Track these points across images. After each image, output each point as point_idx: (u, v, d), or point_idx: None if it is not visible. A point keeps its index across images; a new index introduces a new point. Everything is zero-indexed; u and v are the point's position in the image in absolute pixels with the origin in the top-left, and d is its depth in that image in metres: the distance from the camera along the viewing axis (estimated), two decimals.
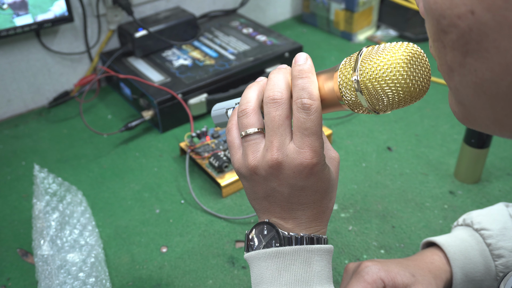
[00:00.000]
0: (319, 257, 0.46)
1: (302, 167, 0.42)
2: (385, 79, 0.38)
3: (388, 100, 0.40)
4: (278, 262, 0.45)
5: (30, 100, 1.03)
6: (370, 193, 0.78)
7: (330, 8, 1.25)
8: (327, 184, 0.45)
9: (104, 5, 1.02)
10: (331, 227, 0.72)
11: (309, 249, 0.45)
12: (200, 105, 0.95)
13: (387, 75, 0.38)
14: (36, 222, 0.69)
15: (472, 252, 0.59)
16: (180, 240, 0.72)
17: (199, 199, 0.78)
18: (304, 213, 0.46)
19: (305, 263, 0.45)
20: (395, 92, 0.39)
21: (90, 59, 1.07)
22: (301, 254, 0.45)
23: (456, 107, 0.37)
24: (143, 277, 0.66)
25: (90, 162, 0.88)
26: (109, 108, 1.03)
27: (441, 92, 1.02)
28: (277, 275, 0.45)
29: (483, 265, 0.58)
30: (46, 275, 0.63)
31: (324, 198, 0.46)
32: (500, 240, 0.58)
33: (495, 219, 0.60)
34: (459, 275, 0.58)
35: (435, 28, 0.33)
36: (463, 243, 0.60)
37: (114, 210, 0.77)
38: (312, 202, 0.46)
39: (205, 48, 1.06)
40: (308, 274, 0.45)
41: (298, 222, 0.46)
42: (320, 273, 0.46)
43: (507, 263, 0.57)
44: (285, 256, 0.45)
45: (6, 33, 0.90)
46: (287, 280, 0.45)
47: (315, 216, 0.46)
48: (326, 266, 0.46)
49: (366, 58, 0.40)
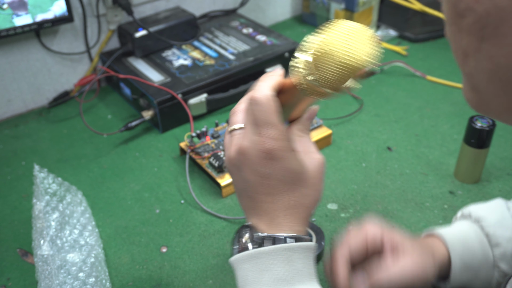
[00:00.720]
0: (300, 255, 0.46)
1: (262, 153, 0.45)
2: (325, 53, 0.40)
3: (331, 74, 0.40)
4: (259, 263, 0.46)
5: (30, 100, 1.03)
6: (370, 193, 0.78)
7: (330, 8, 1.25)
8: (293, 175, 0.46)
9: (104, 5, 1.02)
10: (331, 227, 0.72)
11: (289, 247, 0.46)
12: (200, 105, 0.95)
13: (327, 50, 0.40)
14: (36, 222, 0.69)
15: (471, 241, 0.59)
16: (180, 240, 0.72)
17: (199, 199, 0.78)
18: (275, 206, 0.47)
19: (286, 261, 0.46)
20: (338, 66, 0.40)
21: (90, 59, 1.07)
22: (282, 253, 0.46)
23: (470, 94, 0.36)
24: (143, 277, 0.66)
25: (90, 162, 0.88)
26: (109, 108, 1.03)
27: (441, 92, 1.02)
28: (259, 276, 0.46)
29: (481, 253, 0.58)
30: (46, 275, 0.63)
31: (292, 191, 0.47)
32: (498, 230, 0.58)
33: (493, 210, 0.61)
34: (457, 263, 0.58)
35: (451, 11, 0.33)
36: (461, 232, 0.60)
37: (114, 210, 0.77)
38: (278, 194, 0.47)
39: (205, 48, 1.06)
40: (289, 272, 0.45)
41: (274, 223, 0.47)
42: (302, 270, 0.46)
43: (504, 252, 0.58)
44: (266, 256, 0.46)
45: (6, 33, 0.90)
46: (269, 280, 0.45)
47: (288, 212, 0.47)
48: (308, 264, 0.47)
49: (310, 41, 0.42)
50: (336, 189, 0.79)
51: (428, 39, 1.23)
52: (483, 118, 0.75)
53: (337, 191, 0.79)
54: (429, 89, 1.04)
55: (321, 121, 0.89)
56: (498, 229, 0.59)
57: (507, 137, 0.88)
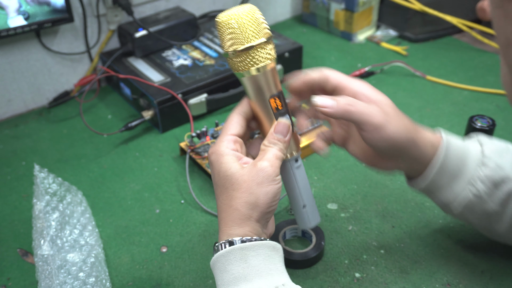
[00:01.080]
0: (254, 252, 0.49)
1: None
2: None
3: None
4: (219, 267, 0.50)
5: (30, 100, 1.03)
6: (370, 193, 0.78)
7: (330, 8, 1.25)
8: (223, 179, 0.52)
9: (104, 5, 1.02)
10: (331, 227, 0.72)
11: (242, 247, 0.50)
12: (200, 105, 0.95)
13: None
14: (36, 222, 0.69)
15: (466, 151, 0.58)
16: (180, 240, 0.72)
17: (199, 199, 0.78)
18: (219, 208, 0.53)
19: (241, 260, 0.49)
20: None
21: (90, 59, 1.07)
22: (235, 253, 0.49)
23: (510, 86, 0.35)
24: (143, 277, 0.66)
25: (90, 162, 0.88)
26: (109, 108, 1.03)
27: (441, 92, 1.02)
28: (220, 279, 0.50)
29: (468, 167, 0.57)
30: (46, 275, 0.63)
31: (223, 193, 0.52)
32: (494, 155, 0.58)
33: (498, 142, 0.60)
34: (441, 160, 0.57)
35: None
36: (462, 142, 0.59)
37: (114, 210, 0.78)
38: (217, 196, 0.53)
39: (205, 48, 1.06)
40: (245, 270, 0.49)
41: (224, 230, 0.52)
42: (258, 267, 0.49)
43: (488, 174, 0.56)
44: (222, 258, 0.50)
45: (6, 33, 0.90)
46: (227, 280, 0.49)
47: (227, 215, 0.52)
48: (266, 260, 0.50)
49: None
50: (336, 189, 0.79)
51: (428, 39, 1.23)
52: (483, 118, 0.75)
53: (337, 191, 0.79)
54: (429, 89, 1.04)
55: (321, 121, 0.89)
56: (494, 155, 0.57)
57: (507, 137, 0.88)
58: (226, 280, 0.49)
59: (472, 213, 0.59)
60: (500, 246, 0.66)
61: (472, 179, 0.57)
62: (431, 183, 0.58)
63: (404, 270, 0.65)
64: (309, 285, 0.64)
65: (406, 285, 0.63)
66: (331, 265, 0.67)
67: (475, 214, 0.59)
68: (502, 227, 0.59)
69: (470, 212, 0.59)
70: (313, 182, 0.81)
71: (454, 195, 0.58)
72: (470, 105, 0.98)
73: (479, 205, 0.58)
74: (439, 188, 0.59)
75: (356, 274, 0.65)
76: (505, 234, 0.60)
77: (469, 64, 1.12)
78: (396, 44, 1.21)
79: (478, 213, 0.58)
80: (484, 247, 0.67)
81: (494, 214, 0.58)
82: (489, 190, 0.57)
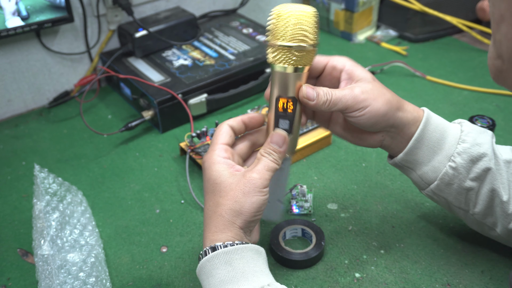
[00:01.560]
0: (239, 256, 0.51)
1: None
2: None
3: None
4: (205, 272, 0.52)
5: (30, 100, 1.03)
6: (370, 193, 0.78)
7: (330, 8, 1.25)
8: (212, 186, 0.54)
9: (104, 5, 1.02)
10: (331, 227, 0.72)
11: (226, 251, 0.51)
12: (200, 105, 0.95)
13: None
14: (36, 222, 0.69)
15: (446, 128, 0.59)
16: (180, 240, 0.72)
17: (199, 199, 0.78)
18: (205, 215, 0.55)
19: (226, 264, 0.50)
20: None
21: (90, 59, 1.07)
22: (220, 257, 0.51)
23: (494, 61, 0.36)
24: (143, 277, 0.66)
25: (90, 162, 0.88)
26: (109, 108, 1.03)
27: (441, 92, 1.03)
28: (207, 284, 0.51)
29: (446, 142, 0.58)
30: (46, 275, 0.63)
31: (210, 200, 0.54)
32: (472, 132, 0.59)
33: (478, 126, 0.61)
34: (421, 135, 0.58)
35: None
36: (443, 121, 0.61)
37: (114, 210, 0.78)
38: (205, 201, 0.55)
39: (205, 48, 1.06)
40: (230, 273, 0.50)
41: (207, 230, 0.54)
42: (243, 269, 0.50)
43: (466, 149, 0.57)
44: (207, 264, 0.51)
45: (6, 33, 0.90)
46: (214, 284, 0.50)
47: (211, 221, 0.53)
48: (250, 262, 0.51)
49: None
50: (336, 189, 0.79)
51: (428, 39, 1.23)
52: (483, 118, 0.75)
53: (337, 191, 0.79)
54: (429, 89, 1.04)
55: None
56: (473, 133, 0.59)
57: (507, 137, 0.88)
58: (212, 285, 0.50)
59: (448, 188, 0.59)
60: (500, 246, 0.66)
61: (451, 154, 0.58)
62: (410, 154, 0.59)
63: (404, 270, 0.65)
64: (309, 285, 0.64)
65: (406, 285, 0.63)
66: (331, 265, 0.67)
67: (451, 190, 0.59)
68: (478, 208, 0.59)
69: (446, 187, 0.59)
70: (313, 182, 0.81)
71: (432, 168, 0.59)
72: (470, 105, 0.98)
73: (456, 180, 0.58)
74: (418, 162, 0.59)
75: (356, 274, 0.65)
76: (481, 218, 0.60)
77: (469, 64, 1.12)
78: (396, 44, 1.21)
79: (455, 188, 0.59)
80: (484, 247, 0.67)
81: (470, 191, 0.58)
82: (466, 164, 0.57)
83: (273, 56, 0.54)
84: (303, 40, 0.53)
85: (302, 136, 0.86)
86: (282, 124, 0.57)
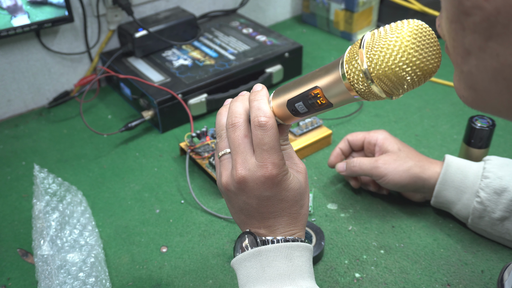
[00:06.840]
0: (299, 253, 0.48)
1: (264, 178, 0.46)
2: (398, 65, 0.38)
3: (408, 84, 0.39)
4: (261, 260, 0.47)
5: (30, 100, 1.03)
6: (370, 193, 0.78)
7: (330, 8, 1.25)
8: (292, 192, 0.49)
9: (104, 5, 1.02)
10: (331, 227, 0.72)
11: (289, 246, 0.48)
12: (200, 105, 0.95)
13: (399, 60, 0.38)
14: (36, 222, 0.69)
15: (468, 168, 0.67)
16: (180, 240, 0.72)
17: (199, 199, 0.78)
18: (276, 221, 0.49)
19: (287, 258, 0.48)
20: (412, 73, 0.38)
21: (90, 59, 1.07)
22: (282, 250, 0.48)
23: (466, 92, 0.36)
24: (143, 277, 0.66)
25: (90, 162, 0.88)
26: (109, 108, 1.03)
27: (441, 92, 1.02)
28: (261, 272, 0.47)
29: (470, 181, 0.66)
30: (46, 275, 0.63)
31: (293, 206, 0.49)
32: (495, 168, 0.65)
33: (502, 159, 0.68)
34: (445, 178, 0.67)
35: (455, 9, 0.31)
36: (465, 162, 0.69)
37: (114, 210, 0.78)
38: (281, 210, 0.49)
39: (205, 48, 1.06)
40: (290, 268, 0.47)
41: (273, 229, 0.49)
42: (302, 267, 0.48)
43: (489, 183, 0.64)
44: (268, 253, 0.48)
45: (6, 33, 0.90)
46: (271, 275, 0.47)
47: (288, 222, 0.50)
48: (307, 262, 0.49)
49: (373, 46, 0.39)
50: (336, 189, 0.79)
51: None
52: (483, 118, 0.75)
53: (337, 191, 0.79)
54: (429, 89, 1.04)
55: (321, 121, 0.89)
56: (495, 168, 0.65)
57: (507, 137, 0.88)
58: (270, 275, 0.47)
59: (482, 221, 0.65)
60: (500, 246, 0.66)
61: (476, 190, 0.65)
62: (440, 198, 0.68)
63: (404, 270, 0.65)
64: None
65: (406, 285, 0.63)
66: (331, 265, 0.67)
67: (485, 222, 0.65)
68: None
69: (480, 220, 0.65)
70: (313, 182, 0.81)
71: (463, 205, 0.66)
72: None
73: (486, 213, 0.64)
74: (450, 202, 0.68)
75: (356, 274, 0.65)
76: None
77: None
78: None
79: (488, 220, 0.64)
80: (484, 247, 0.67)
81: (504, 220, 0.63)
82: (491, 197, 0.63)
83: (361, 77, 0.40)
84: (395, 94, 0.42)
85: (302, 136, 0.86)
86: (299, 106, 0.48)
